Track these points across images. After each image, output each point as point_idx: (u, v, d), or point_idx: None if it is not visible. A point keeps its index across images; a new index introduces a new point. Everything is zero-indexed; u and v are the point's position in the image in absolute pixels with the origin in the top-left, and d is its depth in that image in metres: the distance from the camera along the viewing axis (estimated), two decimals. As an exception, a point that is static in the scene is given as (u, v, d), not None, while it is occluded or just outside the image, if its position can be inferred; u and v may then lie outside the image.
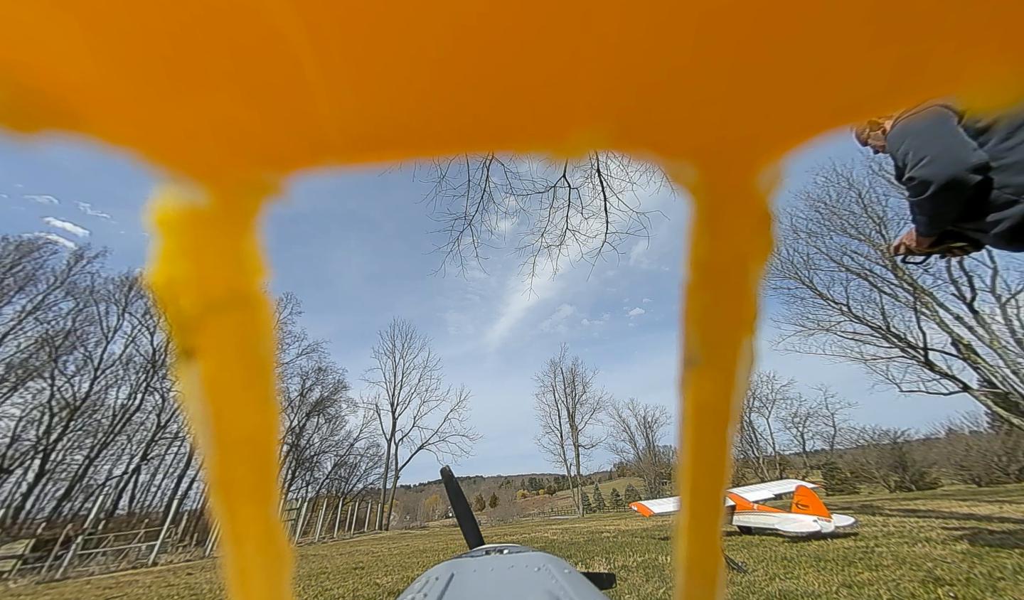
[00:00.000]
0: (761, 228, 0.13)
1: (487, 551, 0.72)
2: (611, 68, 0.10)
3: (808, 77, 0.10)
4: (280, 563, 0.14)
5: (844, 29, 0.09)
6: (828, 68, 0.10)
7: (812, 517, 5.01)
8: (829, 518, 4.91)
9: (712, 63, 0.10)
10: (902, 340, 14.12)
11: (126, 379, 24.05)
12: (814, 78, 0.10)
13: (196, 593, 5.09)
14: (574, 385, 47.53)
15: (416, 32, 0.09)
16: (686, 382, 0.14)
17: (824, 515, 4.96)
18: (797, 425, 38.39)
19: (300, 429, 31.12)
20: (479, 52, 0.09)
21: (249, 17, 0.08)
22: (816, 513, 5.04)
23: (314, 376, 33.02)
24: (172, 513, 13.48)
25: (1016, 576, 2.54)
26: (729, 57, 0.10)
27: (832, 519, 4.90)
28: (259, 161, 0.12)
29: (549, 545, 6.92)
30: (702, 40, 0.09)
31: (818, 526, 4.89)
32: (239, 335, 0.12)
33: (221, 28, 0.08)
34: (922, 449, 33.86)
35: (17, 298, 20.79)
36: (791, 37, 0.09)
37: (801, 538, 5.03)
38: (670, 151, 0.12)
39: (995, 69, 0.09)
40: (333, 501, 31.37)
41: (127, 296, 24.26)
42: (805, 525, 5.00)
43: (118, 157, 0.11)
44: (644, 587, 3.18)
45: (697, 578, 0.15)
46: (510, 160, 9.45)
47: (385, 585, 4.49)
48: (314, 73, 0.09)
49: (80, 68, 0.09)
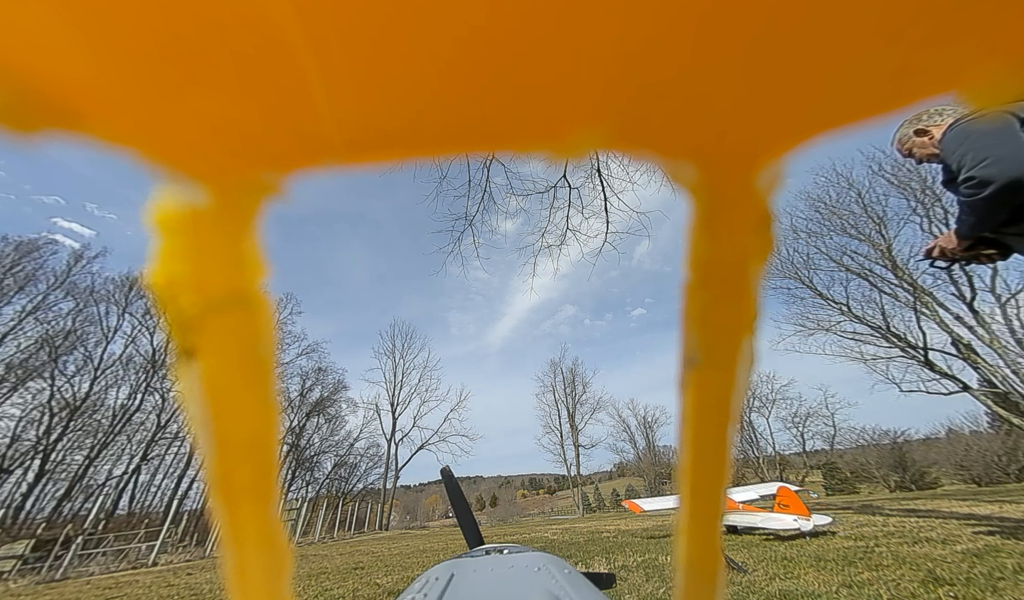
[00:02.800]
0: (761, 228, 0.13)
1: (487, 551, 0.72)
2: (611, 68, 0.10)
3: (808, 77, 0.10)
4: (280, 563, 0.14)
5: (844, 29, 0.09)
6: (828, 68, 0.10)
7: (792, 516, 5.34)
8: (809, 517, 5.22)
9: (712, 63, 0.10)
10: (902, 340, 14.12)
11: (126, 379, 24.08)
12: (814, 78, 0.10)
13: (196, 593, 5.09)
14: (574, 385, 47.56)
15: (416, 32, 0.09)
16: (686, 382, 0.14)
17: (804, 514, 5.28)
18: (797, 425, 38.44)
19: (300, 429, 31.12)
20: (479, 52, 0.09)
21: (249, 17, 0.08)
22: (796, 512, 5.37)
23: (314, 376, 33.06)
24: (172, 513, 13.48)
25: (1016, 576, 2.54)
26: (729, 57, 0.10)
27: (812, 518, 5.22)
28: (259, 161, 0.12)
29: (549, 545, 6.92)
30: (702, 40, 0.09)
31: (798, 525, 5.21)
32: (239, 335, 0.12)
33: (221, 28, 0.08)
34: (922, 449, 33.87)
35: (17, 298, 20.81)
36: (791, 37, 0.09)
37: (783, 536, 5.38)
38: (670, 151, 0.12)
39: (995, 68, 0.09)
40: (333, 501, 31.36)
41: (127, 296, 24.27)
42: (785, 524, 5.34)
43: (119, 157, 0.11)
44: (644, 587, 3.18)
45: (697, 578, 0.15)
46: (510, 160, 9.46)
47: (385, 585, 4.49)
48: (314, 73, 0.09)
49: (80, 68, 0.09)
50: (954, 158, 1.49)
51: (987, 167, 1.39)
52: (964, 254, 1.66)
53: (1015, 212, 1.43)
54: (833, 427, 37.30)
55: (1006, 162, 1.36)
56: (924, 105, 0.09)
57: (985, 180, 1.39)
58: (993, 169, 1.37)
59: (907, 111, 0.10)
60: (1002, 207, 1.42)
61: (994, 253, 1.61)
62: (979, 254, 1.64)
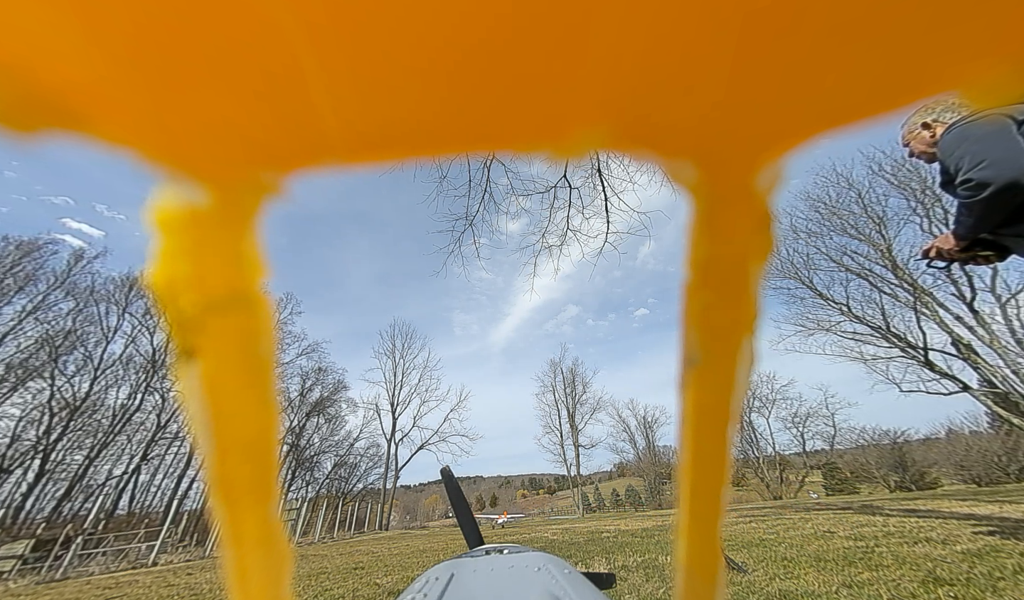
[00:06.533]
0: (761, 228, 0.13)
1: (487, 551, 0.72)
2: (611, 68, 0.10)
3: (808, 77, 0.10)
4: (280, 563, 0.14)
5: (844, 29, 0.09)
6: (828, 68, 0.10)
7: None
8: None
9: (712, 63, 0.10)
10: (902, 340, 14.13)
11: (126, 379, 24.08)
12: (814, 78, 0.10)
13: (196, 593, 5.09)
14: (574, 385, 47.57)
15: (416, 32, 0.09)
16: (686, 382, 0.14)
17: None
18: (797, 425, 38.44)
19: (300, 429, 31.12)
20: (479, 52, 0.09)
21: (249, 17, 0.08)
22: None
23: (314, 376, 33.06)
24: (172, 513, 13.49)
25: (1016, 576, 2.54)
26: (729, 57, 0.10)
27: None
28: (259, 161, 0.12)
29: (549, 545, 6.92)
30: (702, 40, 0.09)
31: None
32: (239, 335, 0.12)
33: (221, 28, 0.08)
34: (922, 449, 33.87)
35: (17, 298, 20.80)
36: (791, 37, 0.09)
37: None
38: (670, 151, 0.12)
39: (995, 68, 0.09)
40: (333, 501, 31.35)
41: (127, 296, 24.27)
42: None
43: (119, 157, 0.11)
44: (644, 587, 3.18)
45: (697, 578, 0.15)
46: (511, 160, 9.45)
47: (385, 585, 4.49)
48: (314, 73, 0.09)
49: (80, 68, 0.09)
50: (951, 160, 1.50)
51: (984, 170, 1.40)
52: (961, 255, 1.67)
53: (1012, 214, 1.44)
54: (833, 427, 37.32)
55: (1003, 165, 1.37)
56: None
57: (982, 182, 1.40)
58: (990, 171, 1.38)
59: (906, 111, 0.10)
60: (999, 209, 1.43)
61: (991, 254, 1.62)
62: (976, 255, 1.65)
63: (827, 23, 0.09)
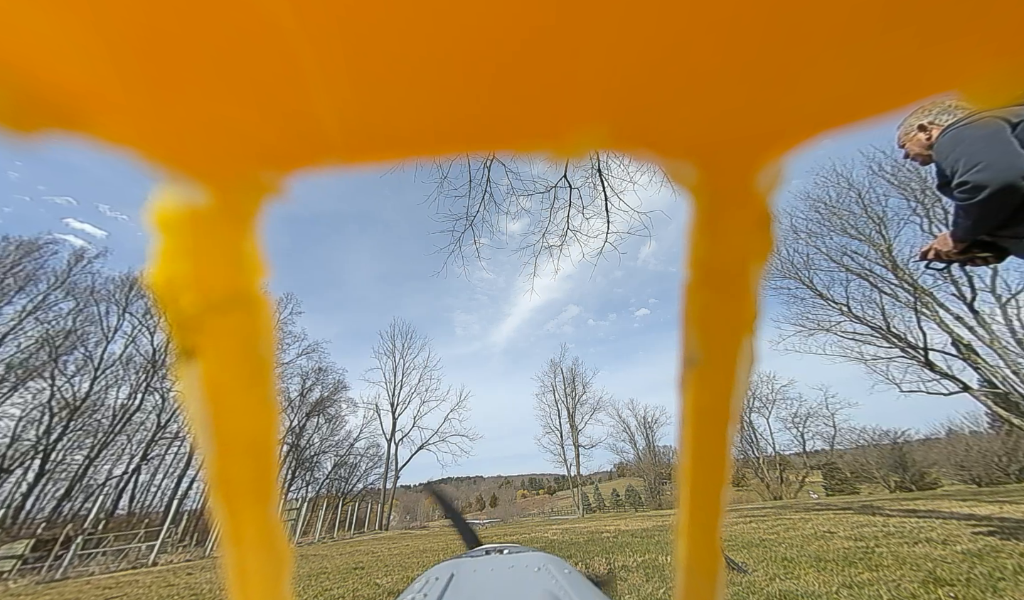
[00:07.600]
0: (761, 228, 0.13)
1: (487, 551, 0.72)
2: (611, 68, 0.10)
3: (808, 77, 0.10)
4: (280, 563, 0.14)
5: (844, 28, 0.09)
6: (828, 68, 0.10)
7: None
8: None
9: (712, 63, 0.10)
10: (902, 340, 14.12)
11: (126, 379, 24.07)
12: (814, 78, 0.10)
13: (196, 593, 5.09)
14: (574, 385, 47.55)
15: (416, 32, 0.09)
16: (686, 382, 0.14)
17: None
18: (797, 425, 38.40)
19: (300, 429, 31.10)
20: (479, 52, 0.09)
21: (249, 16, 0.08)
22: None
23: (314, 376, 33.05)
24: (172, 513, 13.48)
25: (1016, 576, 2.54)
26: (729, 57, 0.10)
27: None
28: (259, 161, 0.12)
29: (549, 545, 6.92)
30: (701, 40, 0.09)
31: None
32: (239, 335, 0.12)
33: (220, 27, 0.08)
34: (922, 449, 33.82)
35: (17, 298, 20.80)
36: (791, 37, 0.09)
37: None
38: (670, 151, 0.12)
39: (995, 68, 0.09)
40: (333, 501, 31.33)
41: (127, 296, 24.26)
42: None
43: (119, 157, 0.11)
44: (644, 587, 3.17)
45: (697, 578, 0.15)
46: (511, 160, 9.44)
47: (385, 585, 4.49)
48: (314, 73, 0.09)
49: (81, 68, 0.09)
50: (947, 163, 1.51)
51: (980, 172, 1.40)
52: (959, 256, 1.68)
53: (1010, 215, 1.44)
54: (833, 427, 37.27)
55: (999, 167, 1.37)
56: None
57: (979, 185, 1.41)
58: (986, 174, 1.39)
59: (906, 111, 0.10)
60: (996, 212, 1.44)
61: (989, 255, 1.63)
62: (974, 256, 1.65)
63: (826, 23, 0.09)
